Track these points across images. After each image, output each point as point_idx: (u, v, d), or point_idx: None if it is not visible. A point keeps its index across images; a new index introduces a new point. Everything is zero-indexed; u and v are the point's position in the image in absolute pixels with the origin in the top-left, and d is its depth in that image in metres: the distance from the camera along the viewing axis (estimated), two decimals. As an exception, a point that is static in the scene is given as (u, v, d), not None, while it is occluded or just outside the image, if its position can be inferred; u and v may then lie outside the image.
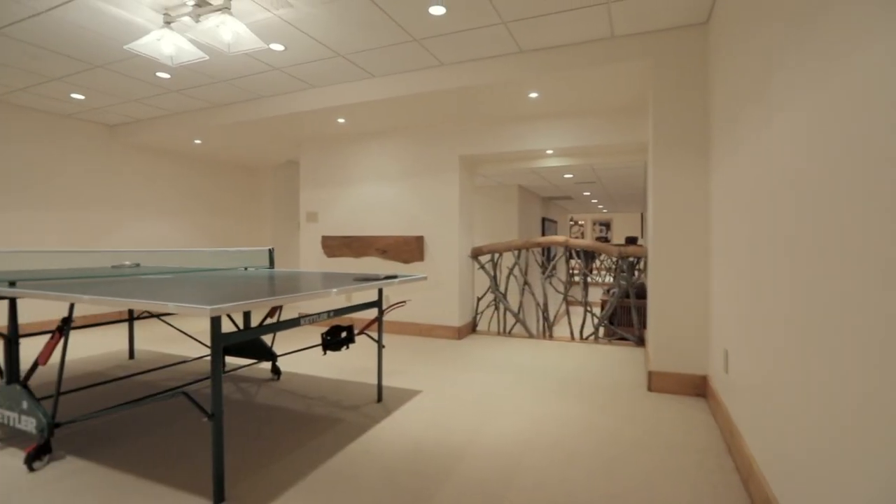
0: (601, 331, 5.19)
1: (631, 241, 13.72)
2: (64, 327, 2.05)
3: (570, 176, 6.66)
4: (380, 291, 2.82)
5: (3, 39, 3.19)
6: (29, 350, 4.05)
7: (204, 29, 2.59)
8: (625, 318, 6.22)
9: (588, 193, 9.13)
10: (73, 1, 2.69)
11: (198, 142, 5.62)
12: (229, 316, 2.88)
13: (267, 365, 3.64)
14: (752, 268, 1.80)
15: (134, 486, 1.86)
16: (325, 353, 2.88)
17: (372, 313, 4.95)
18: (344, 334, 2.75)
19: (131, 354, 3.93)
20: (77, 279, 2.54)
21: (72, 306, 2.07)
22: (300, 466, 2.02)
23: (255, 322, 5.29)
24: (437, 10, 2.84)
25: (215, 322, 1.65)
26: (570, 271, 4.92)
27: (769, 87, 1.60)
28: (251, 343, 3.23)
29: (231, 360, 3.73)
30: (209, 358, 3.76)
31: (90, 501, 1.75)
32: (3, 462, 2.05)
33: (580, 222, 18.62)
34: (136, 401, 2.68)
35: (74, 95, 4.41)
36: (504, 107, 4.13)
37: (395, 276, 2.64)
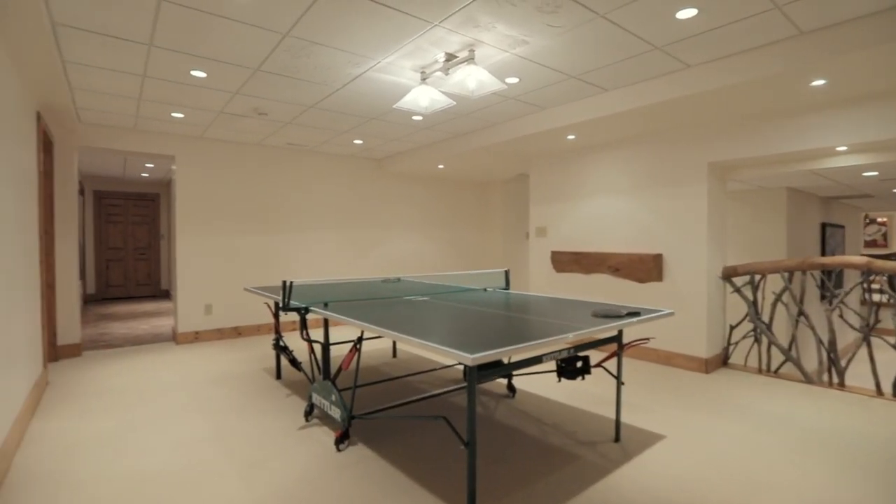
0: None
1: (979, 246, 9.58)
2: (358, 344, 2.59)
3: (874, 174, 5.05)
4: (618, 325, 2.68)
5: (317, 111, 4.26)
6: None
7: (454, 82, 2.92)
8: (972, 367, 4.37)
9: (900, 187, 6.76)
10: (359, 77, 3.39)
11: (441, 166, 6.40)
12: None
13: (503, 380, 3.88)
14: None
15: (404, 482, 2.22)
16: (559, 381, 2.90)
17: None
18: (580, 364, 2.70)
19: (394, 353, 4.73)
20: (363, 300, 3.18)
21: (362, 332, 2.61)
22: (542, 501, 2.07)
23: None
24: (687, 13, 2.53)
25: (472, 371, 1.83)
26: (868, 286, 3.70)
27: None
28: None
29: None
30: (458, 367, 4.23)
31: (375, 488, 2.17)
32: (321, 438, 2.73)
33: (879, 220, 14.05)
34: (405, 403, 3.19)
35: (356, 141, 5.56)
36: (771, 102, 3.41)
37: (637, 313, 2.46)
